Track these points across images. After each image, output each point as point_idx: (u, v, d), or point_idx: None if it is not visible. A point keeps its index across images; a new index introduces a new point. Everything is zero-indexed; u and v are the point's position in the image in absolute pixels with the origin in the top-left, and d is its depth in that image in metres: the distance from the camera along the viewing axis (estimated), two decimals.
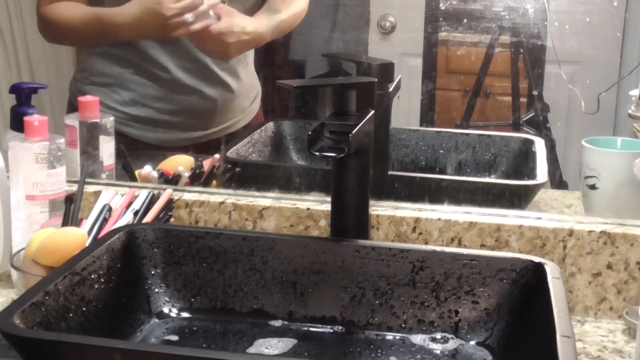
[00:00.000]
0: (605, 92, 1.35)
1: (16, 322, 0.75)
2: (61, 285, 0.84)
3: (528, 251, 1.08)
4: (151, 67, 1.39)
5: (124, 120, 1.39)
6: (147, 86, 1.40)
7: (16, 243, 1.10)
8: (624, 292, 1.07)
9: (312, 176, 1.31)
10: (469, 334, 0.95)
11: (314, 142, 0.92)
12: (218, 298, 1.00)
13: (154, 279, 0.99)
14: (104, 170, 1.26)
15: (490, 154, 1.37)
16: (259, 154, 1.42)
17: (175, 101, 1.41)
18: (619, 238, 1.06)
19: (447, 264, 0.95)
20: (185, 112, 1.42)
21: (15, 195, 1.11)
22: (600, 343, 1.00)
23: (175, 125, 1.43)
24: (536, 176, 1.26)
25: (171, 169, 1.29)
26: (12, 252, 1.08)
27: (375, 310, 0.97)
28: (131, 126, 1.40)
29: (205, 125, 1.44)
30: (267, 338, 0.95)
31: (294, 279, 0.98)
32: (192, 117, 1.43)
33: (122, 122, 1.37)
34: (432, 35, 1.42)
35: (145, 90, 1.40)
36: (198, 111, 1.43)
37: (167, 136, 1.43)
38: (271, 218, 1.14)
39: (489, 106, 1.45)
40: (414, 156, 1.39)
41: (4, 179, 1.12)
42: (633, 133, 1.23)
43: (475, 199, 1.20)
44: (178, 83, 1.39)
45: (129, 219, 1.08)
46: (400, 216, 1.11)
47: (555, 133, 1.41)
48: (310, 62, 1.58)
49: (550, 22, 1.36)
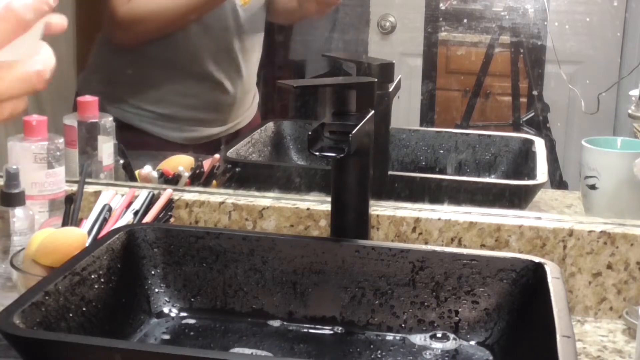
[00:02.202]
0: (605, 92, 1.35)
1: (16, 322, 0.75)
2: (61, 285, 0.84)
3: (528, 251, 1.08)
4: (183, 61, 1.39)
5: (149, 119, 1.40)
6: (174, 82, 1.41)
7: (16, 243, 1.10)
8: (624, 292, 1.07)
9: (312, 176, 1.31)
10: (469, 334, 0.95)
11: (314, 142, 0.91)
12: (218, 298, 1.00)
13: (154, 279, 0.99)
14: (103, 170, 1.26)
15: (490, 154, 1.37)
16: (259, 154, 1.42)
17: (199, 96, 1.42)
18: (619, 238, 1.06)
19: (447, 264, 0.95)
20: (208, 108, 1.44)
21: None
22: (600, 343, 1.00)
23: (199, 121, 1.44)
24: (536, 176, 1.26)
25: (171, 169, 1.29)
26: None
27: (375, 310, 0.97)
28: (156, 124, 1.41)
29: (224, 121, 1.46)
30: (267, 338, 0.95)
31: (294, 279, 0.98)
32: (213, 112, 1.45)
33: (147, 121, 1.39)
34: (432, 35, 1.42)
35: (171, 86, 1.41)
36: (219, 106, 1.45)
37: (190, 134, 1.44)
38: (271, 218, 1.14)
39: (489, 106, 1.45)
40: (414, 156, 1.39)
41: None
42: (633, 133, 1.23)
43: (475, 199, 1.20)
44: (207, 76, 1.40)
45: (129, 219, 1.07)
46: (400, 216, 1.11)
47: (555, 133, 1.41)
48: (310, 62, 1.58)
49: (550, 22, 1.36)
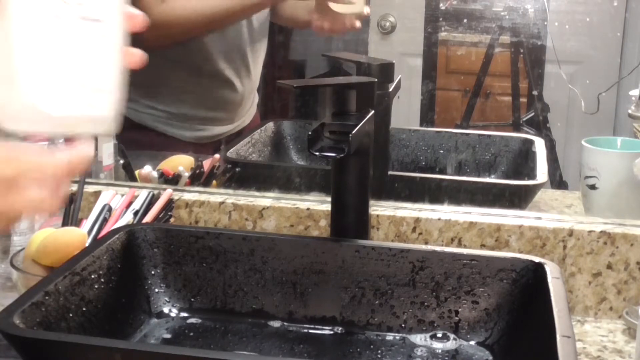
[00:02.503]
0: (605, 92, 1.35)
1: (16, 322, 0.75)
2: (61, 285, 0.84)
3: (528, 251, 1.08)
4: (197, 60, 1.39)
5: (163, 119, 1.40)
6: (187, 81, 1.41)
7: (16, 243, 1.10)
8: (624, 292, 1.07)
9: (312, 176, 1.31)
10: (469, 334, 0.95)
11: (314, 142, 0.91)
12: (218, 298, 1.00)
13: (154, 279, 0.99)
14: (103, 170, 1.26)
15: (490, 154, 1.37)
16: (259, 154, 1.42)
17: (211, 94, 1.43)
18: (619, 238, 1.06)
19: (447, 264, 0.95)
20: (218, 106, 1.45)
21: None
22: (600, 343, 1.00)
23: (210, 120, 1.45)
24: (536, 176, 1.26)
25: (171, 169, 1.29)
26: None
27: (375, 310, 0.97)
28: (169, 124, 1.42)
29: (232, 119, 1.46)
30: (267, 338, 0.95)
31: (294, 279, 0.98)
32: (223, 111, 1.45)
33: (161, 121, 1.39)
34: (432, 35, 1.42)
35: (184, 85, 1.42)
36: (229, 104, 1.45)
37: (202, 133, 1.44)
38: (271, 218, 1.14)
39: (489, 106, 1.45)
40: (414, 156, 1.39)
41: None
42: (633, 133, 1.23)
43: (475, 199, 1.20)
44: (218, 74, 1.41)
45: (129, 219, 1.07)
46: (400, 216, 1.11)
47: (555, 133, 1.41)
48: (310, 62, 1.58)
49: (550, 22, 1.36)
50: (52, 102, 0.55)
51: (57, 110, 0.56)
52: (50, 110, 0.56)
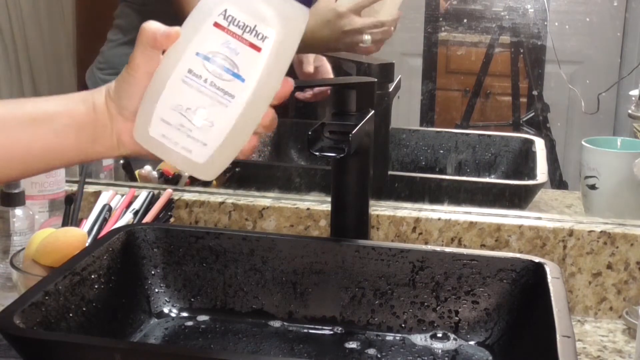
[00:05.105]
0: (605, 92, 1.35)
1: (16, 322, 0.75)
2: (61, 285, 0.84)
3: (528, 251, 1.08)
4: None
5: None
6: None
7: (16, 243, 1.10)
8: (624, 292, 1.07)
9: (312, 176, 1.31)
10: (469, 334, 0.95)
11: (314, 142, 0.92)
12: (218, 298, 1.00)
13: (154, 279, 0.99)
14: (103, 170, 1.26)
15: (490, 154, 1.37)
16: (259, 154, 1.42)
17: None
18: (619, 238, 1.06)
19: (447, 264, 0.95)
20: None
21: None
22: (600, 343, 1.01)
23: None
24: (536, 176, 1.26)
25: (171, 169, 1.29)
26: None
27: (375, 310, 0.97)
28: None
29: None
30: (267, 338, 0.95)
31: (294, 279, 0.98)
32: None
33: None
34: (432, 35, 1.41)
35: None
36: None
37: None
38: (271, 218, 1.14)
39: (489, 106, 1.45)
40: (414, 156, 1.39)
41: None
42: (633, 133, 1.23)
43: (475, 199, 1.20)
44: None
45: (129, 219, 1.08)
46: (400, 216, 1.11)
47: (555, 133, 1.41)
48: None
49: (550, 22, 1.36)
50: (158, 130, 0.72)
51: (157, 136, 0.72)
52: (153, 134, 0.72)
